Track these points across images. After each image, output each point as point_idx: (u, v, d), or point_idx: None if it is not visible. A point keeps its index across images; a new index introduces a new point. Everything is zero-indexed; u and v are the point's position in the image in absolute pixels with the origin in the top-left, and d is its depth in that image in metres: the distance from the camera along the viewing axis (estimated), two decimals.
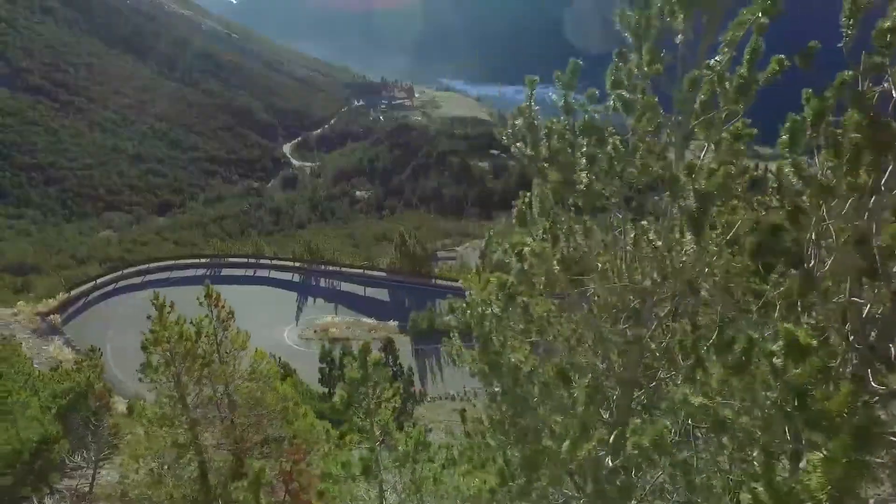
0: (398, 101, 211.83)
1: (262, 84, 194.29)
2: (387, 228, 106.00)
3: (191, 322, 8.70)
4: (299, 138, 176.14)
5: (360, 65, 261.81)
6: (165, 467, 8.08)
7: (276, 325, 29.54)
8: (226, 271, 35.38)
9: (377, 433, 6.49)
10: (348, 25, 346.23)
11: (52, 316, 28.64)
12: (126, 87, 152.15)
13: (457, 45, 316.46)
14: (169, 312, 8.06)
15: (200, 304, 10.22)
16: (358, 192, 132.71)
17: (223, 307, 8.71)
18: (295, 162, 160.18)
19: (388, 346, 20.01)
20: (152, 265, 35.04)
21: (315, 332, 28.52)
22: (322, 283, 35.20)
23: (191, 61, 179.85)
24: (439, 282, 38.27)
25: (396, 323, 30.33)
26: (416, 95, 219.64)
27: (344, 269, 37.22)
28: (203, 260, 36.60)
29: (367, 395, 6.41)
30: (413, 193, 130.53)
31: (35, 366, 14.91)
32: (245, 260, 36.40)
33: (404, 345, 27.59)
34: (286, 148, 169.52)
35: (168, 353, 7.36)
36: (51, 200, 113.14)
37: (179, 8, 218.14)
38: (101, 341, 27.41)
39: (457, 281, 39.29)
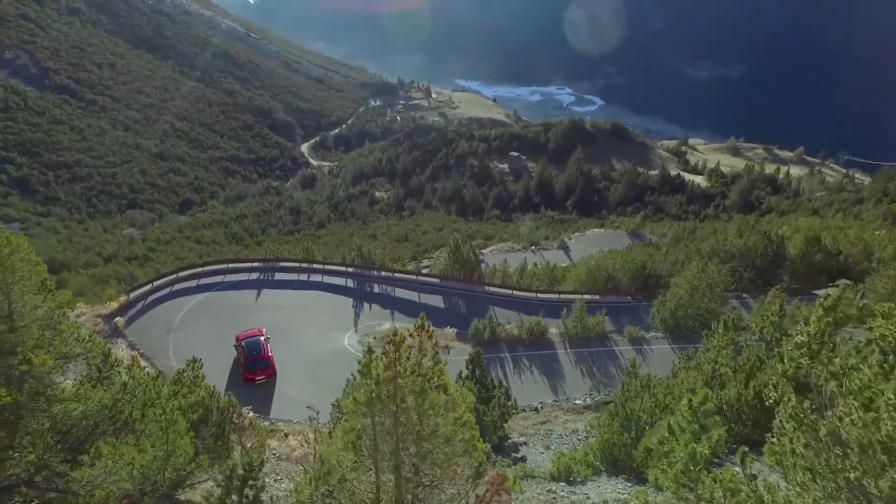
0: (415, 102, 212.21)
1: (280, 84, 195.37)
2: (408, 229, 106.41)
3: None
4: (317, 138, 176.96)
5: (376, 65, 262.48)
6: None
7: (336, 331, 29.74)
8: (279, 276, 35.63)
9: None
10: (363, 26, 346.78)
11: (116, 318, 28.97)
12: (148, 87, 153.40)
13: (471, 46, 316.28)
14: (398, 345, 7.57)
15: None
16: (377, 193, 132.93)
17: (431, 336, 8.62)
18: (313, 161, 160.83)
19: (476, 359, 20.03)
20: (206, 268, 35.27)
21: (375, 338, 28.64)
22: (376, 288, 35.36)
23: (210, 61, 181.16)
24: (491, 288, 38.42)
25: (455, 330, 30.42)
26: (433, 96, 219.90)
27: (397, 275, 37.42)
28: (255, 264, 36.84)
29: None
30: (433, 194, 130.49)
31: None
32: (297, 264, 36.61)
33: (466, 352, 27.71)
34: (304, 147, 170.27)
35: (392, 389, 7.43)
36: (76, 198, 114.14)
37: (200, 8, 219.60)
38: (164, 345, 27.76)
39: (509, 289, 39.42)
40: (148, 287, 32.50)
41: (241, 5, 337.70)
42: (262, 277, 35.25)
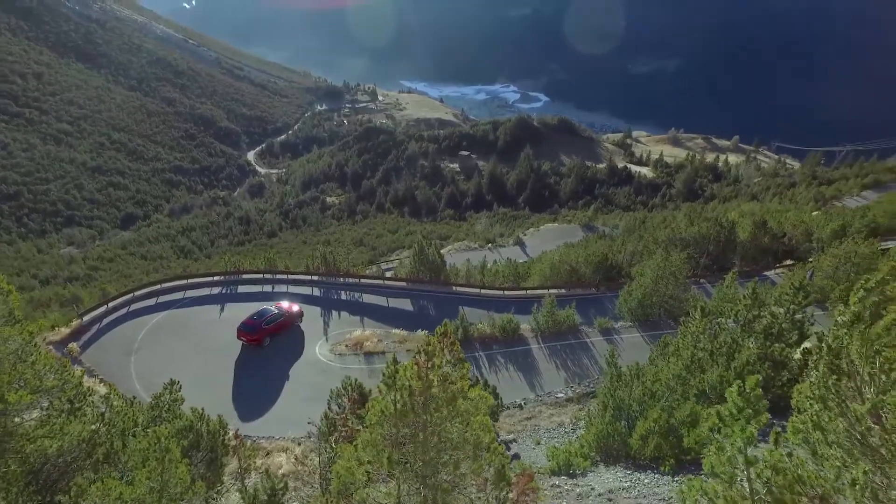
0: (362, 105, 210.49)
1: (223, 91, 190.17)
2: (362, 234, 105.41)
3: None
4: (263, 145, 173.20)
5: (321, 68, 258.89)
6: None
7: (306, 341, 29.08)
8: (242, 288, 34.52)
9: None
10: (305, 29, 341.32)
11: (70, 345, 27.46)
12: (79, 97, 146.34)
13: (415, 46, 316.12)
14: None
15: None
16: (329, 198, 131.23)
17: (453, 343, 8.38)
18: (261, 169, 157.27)
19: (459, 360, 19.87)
20: (164, 285, 33.83)
21: (347, 346, 28.14)
22: (343, 295, 34.75)
23: (147, 68, 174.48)
24: (459, 289, 38.37)
25: (426, 333, 30.19)
26: (380, 98, 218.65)
27: (363, 281, 36.89)
28: (216, 277, 35.57)
29: None
30: (385, 197, 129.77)
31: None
32: (260, 275, 35.57)
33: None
34: (251, 155, 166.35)
35: (424, 399, 7.19)
36: (4, 218, 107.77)
37: (132, 13, 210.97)
38: (125, 368, 26.49)
39: (476, 288, 39.53)
40: (102, 309, 30.91)
41: (176, 10, 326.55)
42: (224, 291, 34.11)
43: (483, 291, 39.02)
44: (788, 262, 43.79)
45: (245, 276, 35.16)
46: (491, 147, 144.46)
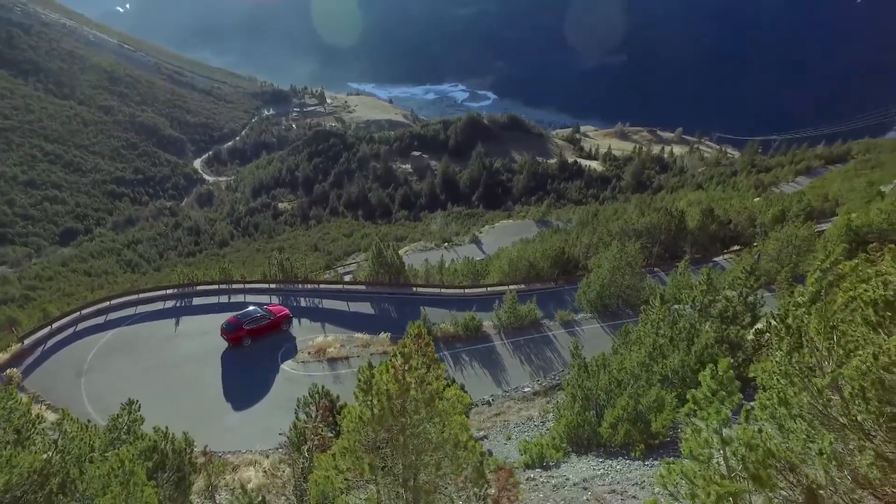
0: (310, 108, 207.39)
1: (164, 98, 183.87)
2: (317, 239, 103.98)
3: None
4: (210, 152, 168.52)
5: (266, 73, 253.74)
6: None
7: (267, 352, 28.44)
8: (197, 300, 33.42)
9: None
10: (248, 32, 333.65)
11: (10, 371, 26.07)
12: (5, 107, 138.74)
13: (363, 48, 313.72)
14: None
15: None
16: (280, 204, 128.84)
17: (428, 343, 8.25)
18: (209, 177, 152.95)
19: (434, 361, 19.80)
20: (113, 302, 32.47)
21: (309, 353, 27.67)
22: (303, 302, 34.13)
23: (80, 76, 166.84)
24: (419, 289, 38.27)
25: (389, 335, 30.02)
26: (328, 101, 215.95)
27: (323, 286, 36.32)
28: (169, 291, 34.35)
29: None
30: (338, 201, 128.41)
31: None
32: (216, 286, 34.54)
33: None
34: (197, 163, 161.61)
35: (402, 402, 7.04)
36: None
37: (60, 17, 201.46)
38: (74, 392, 25.31)
39: (436, 287, 39.52)
40: (45, 330, 29.40)
41: (108, 14, 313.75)
42: (178, 305, 32.97)
43: (443, 291, 39.07)
44: (735, 247, 45.58)
45: (200, 288, 34.08)
46: (442, 146, 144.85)
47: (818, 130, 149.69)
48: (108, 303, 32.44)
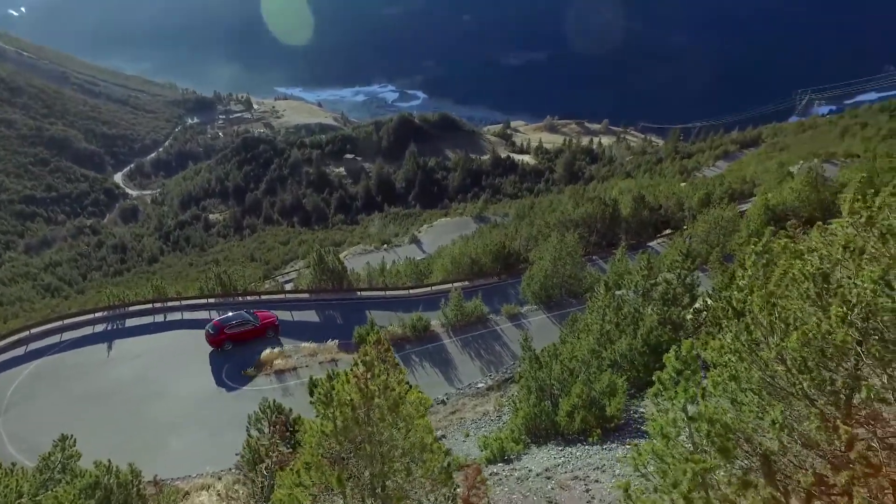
0: (237, 115, 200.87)
1: (76, 110, 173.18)
2: (252, 249, 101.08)
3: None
4: (132, 165, 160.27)
5: (188, 79, 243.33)
6: None
7: (209, 369, 27.35)
8: (130, 321, 31.65)
9: None
10: (163, 37, 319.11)
11: None
12: None
13: (288, 52, 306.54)
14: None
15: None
16: (212, 215, 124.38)
17: (388, 348, 8.05)
18: (132, 192, 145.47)
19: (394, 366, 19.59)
20: (33, 331, 30.30)
21: (254, 367, 26.86)
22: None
23: None
24: (363, 293, 37.82)
25: (337, 342, 29.55)
26: (255, 107, 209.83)
27: (264, 297, 35.24)
28: (98, 314, 32.37)
29: None
30: (272, 208, 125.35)
31: None
32: (150, 305, 32.83)
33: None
34: (118, 177, 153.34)
35: (366, 411, 6.79)
36: None
37: None
38: None
39: (381, 290, 39.16)
40: None
41: (4, 18, 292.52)
42: (110, 328, 31.12)
43: (388, 293, 38.81)
44: (667, 231, 47.61)
45: (132, 309, 32.30)
46: (375, 148, 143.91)
47: (732, 117, 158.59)
48: (27, 332, 30.22)
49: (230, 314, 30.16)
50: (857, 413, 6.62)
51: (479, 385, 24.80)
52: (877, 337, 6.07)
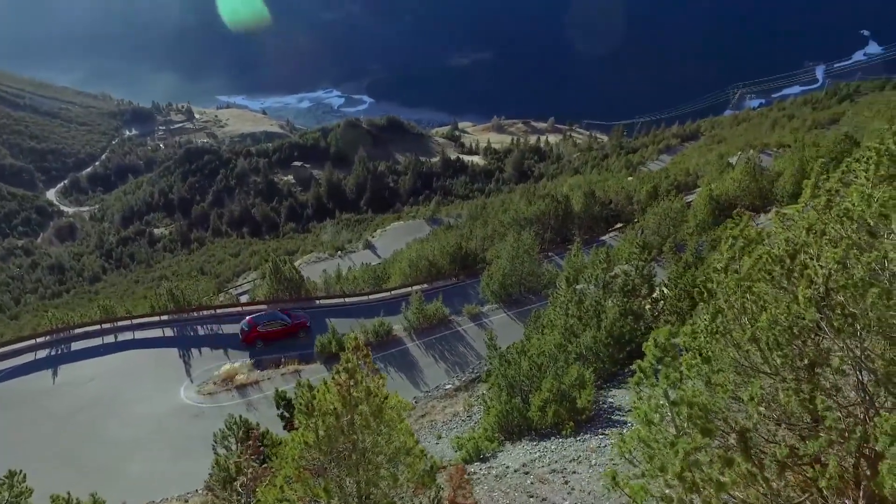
0: (178, 125, 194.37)
1: None
2: (202, 262, 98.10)
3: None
4: (66, 181, 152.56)
5: (123, 90, 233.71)
6: None
7: (167, 388, 26.14)
8: (77, 345, 30.03)
9: None
10: (95, 46, 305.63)
11: None
12: None
13: (228, 59, 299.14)
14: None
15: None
16: (157, 230, 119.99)
17: (367, 354, 7.87)
18: (67, 209, 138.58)
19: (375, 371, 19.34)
20: None
21: (215, 383, 26.03)
22: (200, 330, 31.91)
23: None
24: (322, 302, 37.22)
25: (297, 353, 29.02)
26: (197, 116, 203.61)
27: (220, 311, 34.16)
28: (40, 339, 30.63)
29: None
30: (220, 220, 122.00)
31: None
32: (98, 326, 31.29)
33: (318, 371, 26.82)
34: (51, 194, 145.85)
35: (350, 419, 6.62)
36: None
37: None
38: None
39: (340, 297, 38.65)
40: None
41: None
42: (54, 353, 29.48)
43: (348, 300, 38.37)
44: (619, 224, 48.89)
45: (78, 331, 30.70)
46: (324, 154, 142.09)
47: (672, 112, 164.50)
48: None
49: (263, 313, 31.69)
50: (822, 386, 6.97)
51: (447, 386, 24.81)
52: (838, 311, 6.40)
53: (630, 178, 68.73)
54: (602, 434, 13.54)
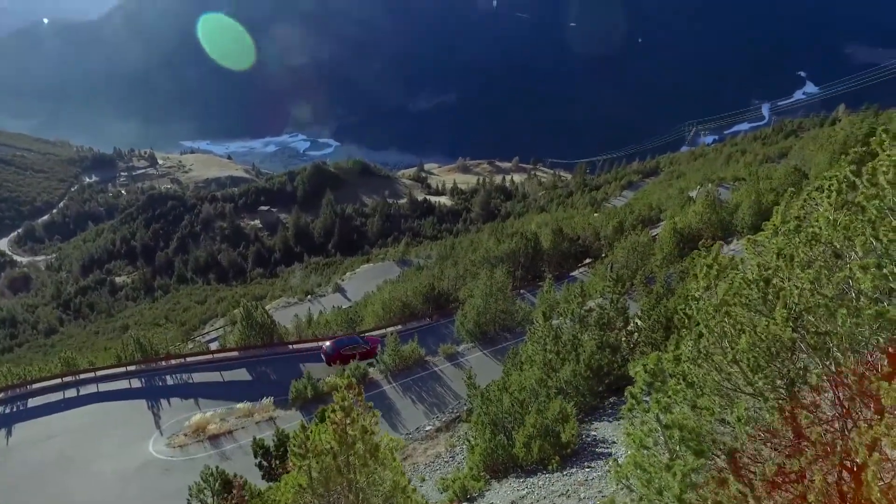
0: (140, 171, 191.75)
1: None
2: (166, 310, 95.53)
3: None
4: (20, 230, 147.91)
5: (83, 136, 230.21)
6: None
7: (135, 442, 25.06)
8: (34, 401, 28.61)
9: None
10: (51, 91, 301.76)
11: None
12: None
13: (191, 104, 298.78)
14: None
15: None
16: (118, 278, 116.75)
17: (359, 392, 7.81)
18: (21, 258, 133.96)
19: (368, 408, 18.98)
20: None
21: (186, 435, 25.12)
22: (169, 380, 30.87)
23: None
24: (296, 346, 36.57)
25: (272, 399, 28.30)
26: (160, 162, 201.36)
27: (190, 359, 33.19)
28: None
29: None
30: (185, 267, 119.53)
31: None
32: (58, 380, 29.95)
33: (294, 418, 26.24)
34: (3, 244, 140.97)
35: (346, 458, 6.52)
36: None
37: None
38: None
39: (313, 342, 38.03)
40: None
41: None
42: (7, 411, 27.98)
43: (322, 344, 37.81)
44: (587, 260, 49.82)
45: (36, 387, 29.30)
46: (291, 198, 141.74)
47: (631, 148, 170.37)
48: None
49: (344, 337, 35.40)
50: (802, 403, 7.27)
51: (427, 428, 24.49)
52: (812, 330, 6.76)
53: (596, 215, 70.41)
54: (588, 467, 13.56)
